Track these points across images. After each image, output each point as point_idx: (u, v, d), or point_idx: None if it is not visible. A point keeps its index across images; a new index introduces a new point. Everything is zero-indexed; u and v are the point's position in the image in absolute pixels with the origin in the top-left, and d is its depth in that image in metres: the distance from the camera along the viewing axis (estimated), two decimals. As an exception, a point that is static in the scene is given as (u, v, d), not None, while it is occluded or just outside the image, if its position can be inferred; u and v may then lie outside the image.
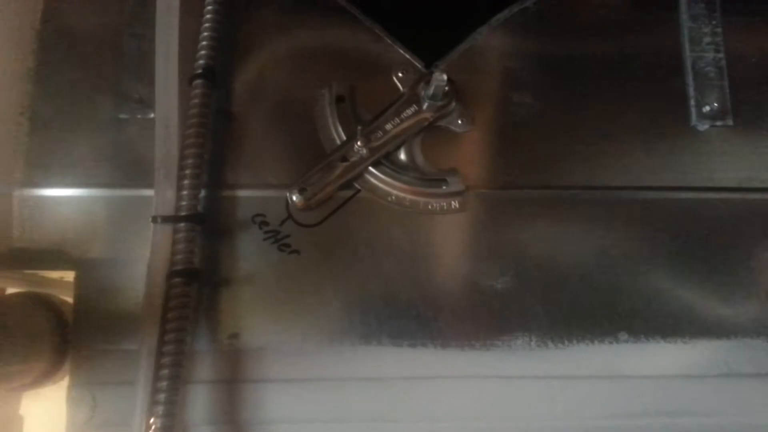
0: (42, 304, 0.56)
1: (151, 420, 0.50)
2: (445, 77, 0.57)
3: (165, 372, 0.51)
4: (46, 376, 0.55)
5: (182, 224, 0.54)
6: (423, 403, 0.56)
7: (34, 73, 0.60)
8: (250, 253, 0.58)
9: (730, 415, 0.57)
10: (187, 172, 0.55)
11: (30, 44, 0.60)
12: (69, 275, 0.57)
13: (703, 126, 0.62)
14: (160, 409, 0.50)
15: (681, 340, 0.58)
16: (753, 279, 0.59)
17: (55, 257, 0.57)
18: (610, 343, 0.57)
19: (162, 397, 0.50)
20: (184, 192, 0.55)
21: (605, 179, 0.61)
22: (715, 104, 0.62)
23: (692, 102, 0.63)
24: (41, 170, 0.58)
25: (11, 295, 0.57)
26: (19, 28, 0.60)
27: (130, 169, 0.59)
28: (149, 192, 0.57)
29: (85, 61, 0.61)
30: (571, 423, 0.57)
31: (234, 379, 0.55)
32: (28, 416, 0.61)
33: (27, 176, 0.58)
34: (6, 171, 0.58)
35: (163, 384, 0.50)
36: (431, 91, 0.58)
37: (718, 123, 0.62)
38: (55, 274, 0.57)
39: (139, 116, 0.59)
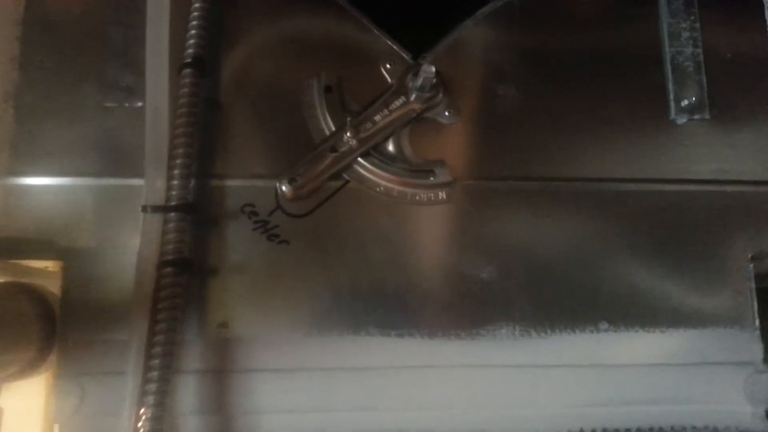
0: (27, 294, 0.55)
1: (142, 410, 0.50)
2: (433, 69, 0.57)
3: (156, 362, 0.51)
4: (32, 366, 0.55)
5: (173, 214, 0.54)
6: (410, 391, 0.57)
7: (18, 61, 0.59)
8: (239, 242, 0.58)
9: (706, 402, 0.59)
10: (178, 161, 0.55)
11: (13, 31, 0.59)
12: (55, 265, 0.56)
13: (682, 120, 0.64)
14: (150, 399, 0.50)
15: (659, 329, 0.60)
16: (728, 270, 0.61)
17: (42, 247, 0.56)
18: (591, 332, 0.59)
19: (152, 387, 0.50)
20: (174, 182, 0.55)
21: (587, 171, 0.62)
22: (693, 98, 0.64)
23: (671, 96, 0.64)
24: (27, 159, 0.58)
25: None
26: (2, 15, 0.59)
27: (117, 158, 0.58)
28: (136, 181, 0.57)
29: (70, 48, 0.60)
30: (553, 410, 0.58)
31: (223, 369, 0.56)
32: (7, 408, 0.60)
33: (12, 165, 0.58)
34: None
35: (154, 374, 0.51)
36: (419, 82, 0.59)
37: (696, 117, 0.64)
38: (40, 264, 0.56)
39: (126, 105, 0.59)
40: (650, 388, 0.59)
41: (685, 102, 0.64)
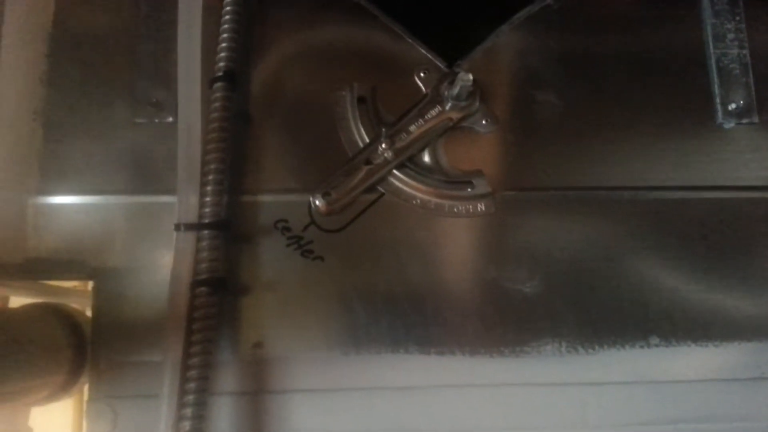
0: (58, 315, 0.55)
1: (180, 433, 0.49)
2: (470, 77, 0.56)
3: (192, 385, 0.50)
4: (63, 389, 0.54)
5: (206, 232, 0.53)
6: (452, 412, 0.55)
7: (46, 77, 0.59)
8: (272, 259, 0.57)
9: (763, 419, 0.57)
10: (210, 177, 0.54)
11: (41, 47, 0.59)
12: (86, 285, 0.56)
13: (729, 124, 0.62)
14: (187, 424, 0.49)
15: (712, 343, 0.57)
16: (783, 279, 0.59)
17: (73, 266, 0.56)
18: (641, 347, 0.57)
19: (189, 411, 0.49)
20: (208, 198, 0.54)
21: (631, 179, 0.60)
22: (741, 102, 0.62)
23: (717, 100, 0.62)
24: (56, 177, 0.57)
25: (27, 306, 0.56)
26: (30, 31, 0.59)
27: (148, 174, 0.57)
28: (167, 198, 0.56)
29: (99, 64, 0.59)
30: (602, 430, 0.56)
31: (258, 390, 0.54)
32: (36, 428, 0.60)
33: (41, 183, 0.57)
34: (19, 178, 0.57)
35: (190, 397, 0.49)
36: (456, 91, 0.57)
37: (744, 121, 0.62)
38: (70, 284, 0.56)
39: (156, 120, 0.58)
40: (704, 404, 0.57)
41: (733, 105, 0.62)
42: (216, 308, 0.53)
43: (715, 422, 0.57)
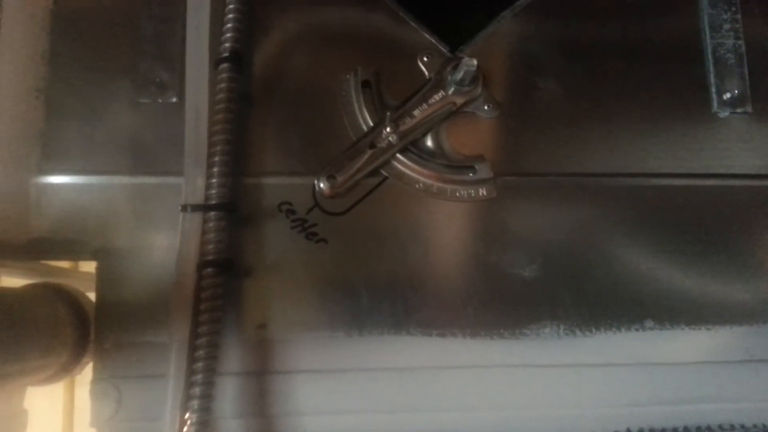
0: (60, 294, 0.56)
1: (187, 415, 0.50)
2: (474, 62, 0.57)
3: (200, 365, 0.51)
4: (65, 369, 0.55)
5: (212, 213, 0.54)
6: (453, 392, 0.57)
7: (48, 56, 0.59)
8: (276, 242, 0.58)
9: (754, 400, 0.60)
10: (217, 159, 0.55)
11: (43, 25, 0.59)
12: (89, 266, 0.56)
13: (724, 113, 0.64)
14: (195, 403, 0.50)
15: (704, 326, 0.60)
16: (774, 266, 0.62)
17: (75, 246, 0.57)
18: (637, 330, 0.59)
19: (197, 390, 0.50)
20: (214, 180, 0.55)
21: (629, 166, 0.62)
22: (736, 91, 0.64)
23: (713, 89, 0.64)
24: (58, 156, 0.58)
25: (29, 286, 0.57)
26: (31, 8, 0.59)
27: (151, 155, 0.58)
28: (171, 179, 0.57)
29: (102, 43, 0.60)
30: (599, 410, 0.58)
31: (262, 371, 0.56)
32: (32, 410, 0.61)
33: (43, 162, 0.58)
34: (21, 157, 0.57)
35: (198, 377, 0.51)
36: (459, 76, 0.59)
37: (738, 110, 0.64)
38: (73, 265, 0.57)
39: (159, 100, 0.59)
40: (697, 386, 0.59)
41: (728, 95, 0.64)
42: (222, 289, 0.54)
43: (707, 403, 0.59)
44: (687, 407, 0.59)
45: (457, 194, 0.60)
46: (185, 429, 0.50)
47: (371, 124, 0.60)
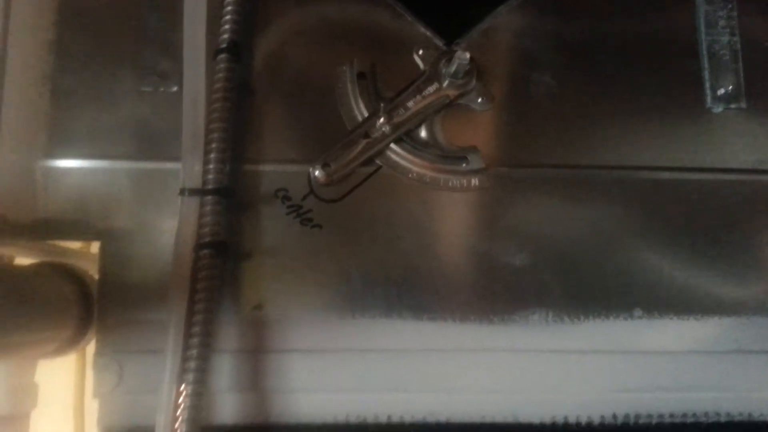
0: (65, 272, 0.60)
1: (182, 387, 0.54)
2: (468, 56, 0.61)
3: (195, 340, 0.55)
4: (70, 344, 0.60)
5: (209, 197, 0.59)
6: (441, 374, 0.61)
7: (54, 46, 0.64)
8: (272, 227, 0.62)
9: (740, 390, 0.63)
10: (214, 146, 0.59)
11: (50, 16, 0.64)
12: (93, 246, 0.61)
13: (718, 108, 0.67)
14: (190, 376, 0.55)
15: (693, 317, 0.63)
16: (764, 259, 0.65)
17: (79, 228, 0.61)
18: (625, 319, 0.63)
19: (192, 364, 0.55)
20: (211, 166, 0.59)
21: (622, 159, 0.65)
22: (730, 87, 0.67)
23: (707, 85, 0.68)
24: (63, 141, 0.62)
25: (34, 264, 0.61)
26: (39, 1, 0.64)
27: (152, 141, 0.63)
28: (171, 165, 0.61)
29: (106, 33, 0.64)
30: (584, 396, 0.62)
31: (258, 349, 0.60)
32: (43, 383, 0.66)
33: (49, 147, 0.62)
34: (28, 141, 0.62)
35: (194, 352, 0.55)
36: (453, 69, 0.63)
37: (732, 106, 0.67)
38: (77, 245, 0.61)
39: (161, 89, 0.63)
40: (684, 375, 0.62)
41: (722, 91, 0.67)
42: (218, 270, 0.58)
43: (692, 392, 0.62)
44: (674, 395, 0.62)
45: (450, 184, 0.64)
46: (181, 399, 0.54)
47: (366, 114, 0.63)
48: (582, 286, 0.63)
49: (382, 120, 0.62)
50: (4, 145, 0.62)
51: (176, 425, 0.54)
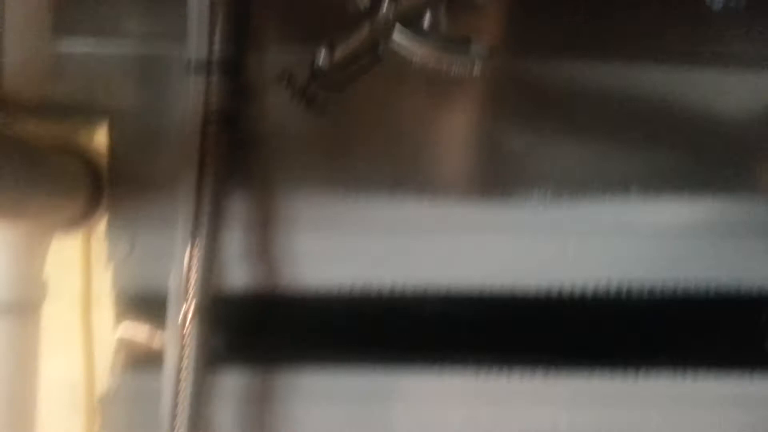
0: (75, 147, 0.62)
1: (195, 252, 0.58)
2: (472, -57, 0.63)
3: (206, 209, 0.58)
4: (82, 215, 0.62)
5: (215, 75, 0.60)
6: (443, 251, 0.64)
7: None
8: (277, 109, 0.64)
9: (732, 271, 0.65)
10: (220, 25, 0.61)
11: None
12: (101, 124, 0.63)
13: (717, 5, 0.69)
14: (203, 242, 0.58)
15: (687, 195, 0.65)
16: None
17: (86, 108, 0.63)
18: (622, 199, 0.65)
19: (203, 231, 0.58)
20: (216, 45, 0.61)
21: (623, 50, 0.67)
22: (729, -16, 0.69)
23: (706, -18, 0.69)
24: (69, 22, 0.64)
25: (48, 139, 0.63)
26: None
27: (160, 20, 0.64)
28: (179, 45, 0.62)
29: None
30: (580, 271, 0.65)
31: (265, 222, 0.63)
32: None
33: (55, 28, 0.63)
34: (35, 23, 0.63)
35: (204, 219, 0.58)
36: (458, -47, 0.64)
37: (732, 3, 0.69)
38: (86, 123, 0.63)
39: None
40: (677, 251, 0.65)
41: (721, -12, 0.69)
42: (225, 144, 0.61)
43: (685, 267, 0.65)
44: (667, 271, 0.65)
45: (452, 71, 0.66)
46: (193, 263, 0.57)
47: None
48: (581, 166, 0.65)
49: (387, 5, 0.64)
50: (13, 27, 0.63)
51: (189, 288, 0.57)
